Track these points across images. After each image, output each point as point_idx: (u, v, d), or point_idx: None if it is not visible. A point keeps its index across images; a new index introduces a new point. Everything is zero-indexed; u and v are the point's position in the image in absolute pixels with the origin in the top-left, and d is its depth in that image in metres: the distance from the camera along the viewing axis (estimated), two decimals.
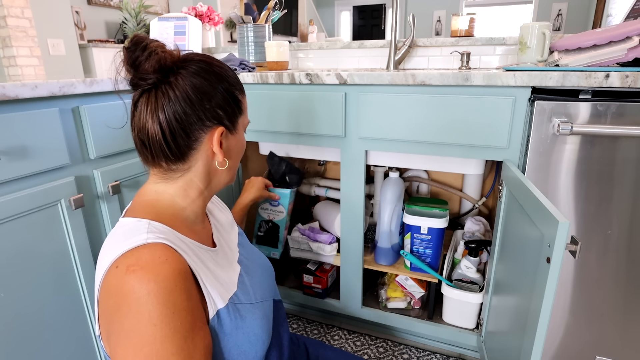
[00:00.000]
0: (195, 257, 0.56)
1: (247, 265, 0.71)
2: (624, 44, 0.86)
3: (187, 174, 0.59)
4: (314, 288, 1.36)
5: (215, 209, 0.77)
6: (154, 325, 0.46)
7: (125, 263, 0.48)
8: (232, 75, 0.61)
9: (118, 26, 3.94)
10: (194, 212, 0.62)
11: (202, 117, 0.56)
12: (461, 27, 1.51)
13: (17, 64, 2.80)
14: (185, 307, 0.49)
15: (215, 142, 0.58)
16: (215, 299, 0.56)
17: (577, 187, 0.89)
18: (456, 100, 0.96)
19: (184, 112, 0.55)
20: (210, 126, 0.58)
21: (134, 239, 0.51)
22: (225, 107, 0.59)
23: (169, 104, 0.54)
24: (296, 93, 1.12)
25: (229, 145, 0.62)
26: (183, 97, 0.54)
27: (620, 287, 0.91)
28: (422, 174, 1.48)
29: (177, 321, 0.47)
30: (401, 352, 1.27)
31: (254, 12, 2.34)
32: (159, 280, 0.47)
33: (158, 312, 0.46)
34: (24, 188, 0.79)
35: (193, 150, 0.58)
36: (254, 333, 0.60)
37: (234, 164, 0.65)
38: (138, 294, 0.46)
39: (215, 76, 0.58)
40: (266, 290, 0.71)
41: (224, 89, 0.58)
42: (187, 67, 0.56)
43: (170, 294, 0.47)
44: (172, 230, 0.56)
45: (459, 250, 1.26)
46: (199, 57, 0.58)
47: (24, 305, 0.80)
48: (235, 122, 0.62)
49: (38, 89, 0.79)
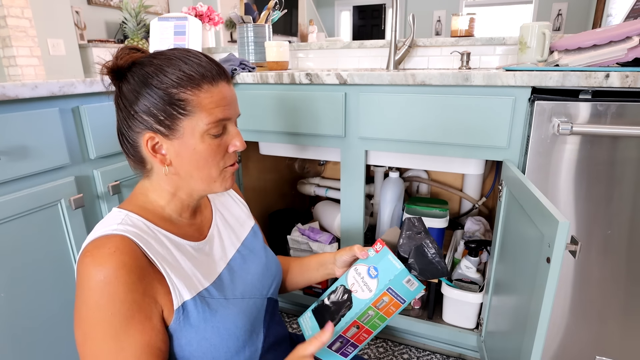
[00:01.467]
0: (165, 250, 0.58)
1: (239, 263, 0.71)
2: (624, 44, 0.86)
3: (153, 175, 0.62)
4: (314, 288, 1.36)
5: (232, 201, 0.79)
6: (88, 309, 0.51)
7: (85, 250, 0.53)
8: (173, 73, 0.55)
9: (118, 26, 3.94)
10: (173, 210, 0.64)
11: (130, 123, 0.57)
12: (461, 27, 1.51)
13: (17, 64, 2.80)
14: (122, 299, 0.51)
15: (145, 148, 0.57)
16: (181, 290, 0.57)
17: (577, 187, 0.89)
18: (456, 100, 0.96)
19: (118, 119, 0.59)
20: (139, 132, 0.57)
21: (105, 228, 0.55)
22: (151, 112, 0.55)
23: (116, 110, 0.59)
24: (296, 93, 1.12)
25: (175, 152, 0.57)
26: (117, 104, 0.58)
27: (620, 287, 0.91)
28: (422, 174, 1.48)
29: (108, 311, 0.51)
30: (401, 352, 1.27)
31: (254, 12, 2.34)
32: (102, 270, 0.51)
33: (93, 299, 0.50)
34: (24, 188, 0.79)
35: (140, 154, 0.60)
36: (225, 328, 0.60)
37: (191, 171, 0.59)
38: (84, 279, 0.51)
39: (141, 79, 0.55)
40: (256, 289, 0.70)
41: (149, 92, 0.55)
42: (128, 72, 0.57)
43: (107, 284, 0.50)
44: (148, 223, 0.59)
45: (459, 250, 1.26)
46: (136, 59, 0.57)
47: (24, 305, 0.80)
48: (171, 126, 0.56)
49: (38, 89, 0.79)
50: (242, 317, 0.64)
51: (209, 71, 0.56)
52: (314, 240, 1.36)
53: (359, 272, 0.71)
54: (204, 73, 0.56)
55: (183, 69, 0.55)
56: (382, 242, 0.71)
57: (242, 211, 0.80)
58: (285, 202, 1.76)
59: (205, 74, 0.56)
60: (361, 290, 0.68)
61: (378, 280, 0.67)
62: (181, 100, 0.55)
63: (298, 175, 1.79)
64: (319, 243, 1.34)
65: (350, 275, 0.73)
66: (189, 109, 0.55)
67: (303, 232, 1.42)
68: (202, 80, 0.55)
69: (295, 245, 1.40)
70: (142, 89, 0.55)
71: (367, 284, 0.68)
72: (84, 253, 0.53)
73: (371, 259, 0.70)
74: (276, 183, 1.68)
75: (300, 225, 1.46)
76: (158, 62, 0.55)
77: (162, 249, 0.58)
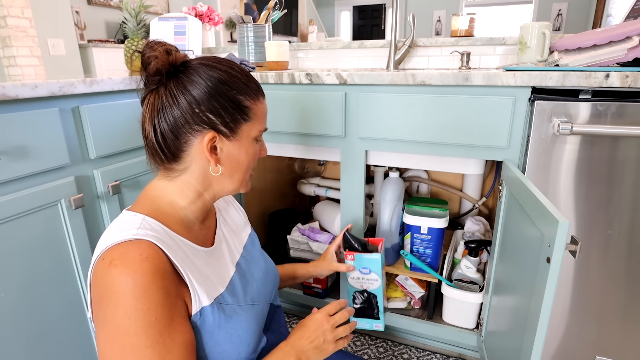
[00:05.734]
0: (184, 256, 0.58)
1: (245, 269, 0.72)
2: (624, 44, 0.86)
3: (184, 175, 0.61)
4: (314, 288, 1.36)
5: (228, 208, 0.79)
6: (128, 319, 0.48)
7: (110, 256, 0.51)
8: (237, 81, 0.59)
9: (118, 26, 3.94)
10: (193, 212, 0.63)
11: (190, 120, 0.57)
12: (461, 27, 1.51)
13: (17, 64, 2.80)
14: (162, 303, 0.51)
15: (204, 147, 0.58)
16: (201, 296, 0.58)
17: (577, 187, 0.89)
18: (456, 100, 0.96)
19: (172, 115, 0.56)
20: (200, 130, 0.58)
21: (124, 233, 0.53)
22: (219, 112, 0.58)
23: (161, 105, 0.56)
24: (296, 93, 1.12)
25: (229, 152, 0.61)
26: (174, 100, 0.56)
27: (620, 287, 0.91)
28: (422, 174, 1.48)
29: (152, 316, 0.49)
30: (401, 352, 1.27)
31: (254, 12, 2.34)
32: (136, 277, 0.49)
33: (132, 307, 0.49)
34: (24, 188, 0.79)
35: (184, 152, 0.59)
36: (238, 334, 0.61)
37: (233, 172, 0.63)
38: (117, 287, 0.49)
39: (213, 81, 0.57)
40: (262, 295, 0.72)
41: (219, 94, 0.57)
42: (187, 71, 0.58)
43: (146, 290, 0.49)
44: (165, 228, 0.58)
45: (459, 250, 1.26)
46: (202, 62, 0.59)
47: (24, 305, 0.80)
48: (234, 129, 0.60)
49: (38, 89, 0.79)
50: (253, 323, 0.64)
51: (260, 87, 0.64)
52: (314, 240, 1.36)
53: (357, 277, 1.01)
54: (259, 87, 0.63)
55: (245, 81, 0.61)
56: (351, 252, 0.98)
57: (240, 217, 0.81)
58: (285, 202, 1.76)
59: (260, 89, 0.63)
60: (371, 284, 1.01)
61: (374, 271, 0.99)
62: (246, 107, 0.60)
63: (298, 175, 1.79)
64: (319, 243, 1.34)
65: (354, 283, 1.02)
66: (250, 115, 0.61)
67: (303, 232, 1.42)
68: (259, 92, 0.63)
69: (295, 245, 1.40)
70: (211, 90, 0.57)
71: (369, 279, 1.00)
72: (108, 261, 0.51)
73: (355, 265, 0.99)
74: (276, 183, 1.68)
75: (300, 225, 1.46)
76: (224, 68, 0.59)
77: (182, 254, 0.58)
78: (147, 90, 0.58)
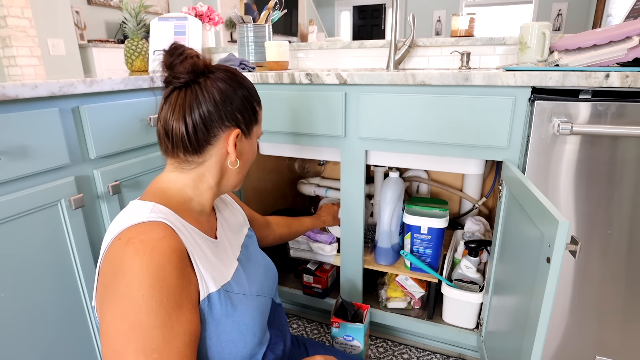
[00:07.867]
0: (193, 241, 0.60)
1: (246, 264, 0.73)
2: (624, 44, 0.86)
3: (200, 168, 0.64)
4: (314, 288, 1.36)
5: (227, 209, 0.80)
6: (142, 296, 0.49)
7: (127, 235, 0.53)
8: (252, 88, 0.68)
9: (118, 26, 3.94)
10: (200, 203, 0.66)
11: (223, 116, 0.62)
12: (461, 27, 1.51)
13: (17, 64, 2.80)
14: (175, 284, 0.51)
15: (230, 141, 0.64)
16: (208, 282, 0.58)
17: (577, 187, 0.89)
18: (456, 100, 0.96)
19: (207, 110, 0.61)
20: (229, 126, 0.64)
21: (138, 216, 0.56)
22: (243, 113, 0.65)
23: (195, 100, 0.61)
24: (296, 93, 1.12)
25: (242, 149, 0.68)
26: (209, 97, 0.61)
27: (620, 287, 0.91)
28: (422, 174, 1.48)
29: (163, 295, 0.50)
30: (401, 352, 1.27)
31: (254, 12, 2.34)
32: (153, 254, 0.50)
33: (147, 284, 0.49)
34: (24, 188, 0.79)
35: (210, 146, 0.63)
36: (244, 323, 0.62)
37: (242, 168, 0.70)
38: (133, 264, 0.50)
39: (238, 84, 0.65)
40: (264, 288, 0.73)
41: (244, 97, 0.65)
42: (215, 72, 0.64)
43: (162, 268, 0.50)
44: (175, 214, 0.60)
45: (459, 250, 1.26)
46: (225, 67, 0.66)
47: (24, 305, 0.80)
48: (250, 129, 0.68)
49: (38, 89, 0.79)
50: (258, 313, 0.66)
51: None
52: (314, 240, 1.36)
53: (341, 343, 1.09)
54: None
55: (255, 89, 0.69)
56: (337, 319, 1.07)
57: (238, 217, 0.83)
58: (285, 202, 1.76)
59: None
60: (353, 349, 1.08)
61: (357, 339, 1.07)
62: (256, 111, 0.69)
63: (298, 175, 1.79)
64: (319, 243, 1.34)
65: (338, 347, 1.09)
66: (259, 119, 0.71)
67: None
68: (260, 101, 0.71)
69: (295, 245, 1.40)
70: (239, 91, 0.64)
71: (352, 345, 1.08)
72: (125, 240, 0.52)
73: (339, 333, 1.08)
74: (276, 183, 1.68)
75: None
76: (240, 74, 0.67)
77: (192, 239, 0.60)
78: (172, 86, 0.62)
